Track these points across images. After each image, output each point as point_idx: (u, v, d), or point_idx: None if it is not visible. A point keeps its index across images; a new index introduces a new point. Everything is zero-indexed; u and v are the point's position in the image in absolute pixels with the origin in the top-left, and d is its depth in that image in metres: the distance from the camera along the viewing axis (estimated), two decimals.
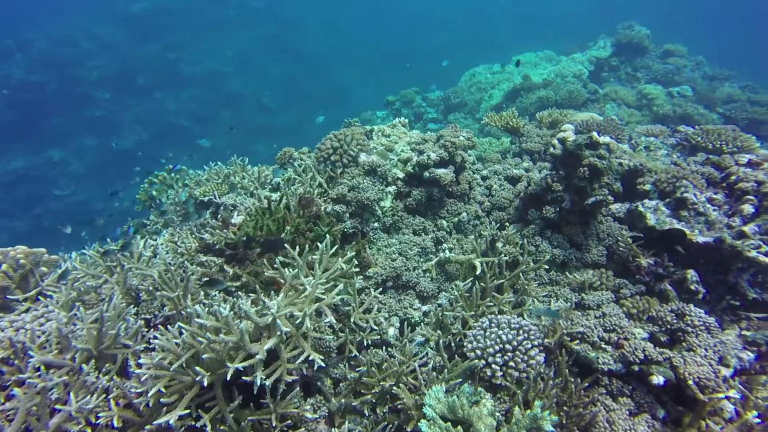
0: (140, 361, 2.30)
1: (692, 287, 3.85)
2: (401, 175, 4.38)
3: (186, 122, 22.20)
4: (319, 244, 3.23)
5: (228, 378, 2.28)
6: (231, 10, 26.03)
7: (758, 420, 2.66)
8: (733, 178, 4.40)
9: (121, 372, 2.61)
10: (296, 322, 2.63)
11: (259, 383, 2.32)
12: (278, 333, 2.43)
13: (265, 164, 5.55)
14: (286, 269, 2.96)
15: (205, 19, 24.97)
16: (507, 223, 4.51)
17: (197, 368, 2.22)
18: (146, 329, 2.79)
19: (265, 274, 3.17)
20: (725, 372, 3.04)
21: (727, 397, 2.83)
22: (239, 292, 3.14)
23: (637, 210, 4.34)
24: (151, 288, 2.98)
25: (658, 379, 2.88)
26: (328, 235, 3.41)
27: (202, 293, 3.13)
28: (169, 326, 2.57)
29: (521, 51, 13.00)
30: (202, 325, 2.42)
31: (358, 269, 3.31)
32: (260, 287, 3.27)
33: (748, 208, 4.12)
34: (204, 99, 22.54)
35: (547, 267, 3.96)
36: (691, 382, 2.83)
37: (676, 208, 4.28)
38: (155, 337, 2.40)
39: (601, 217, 4.37)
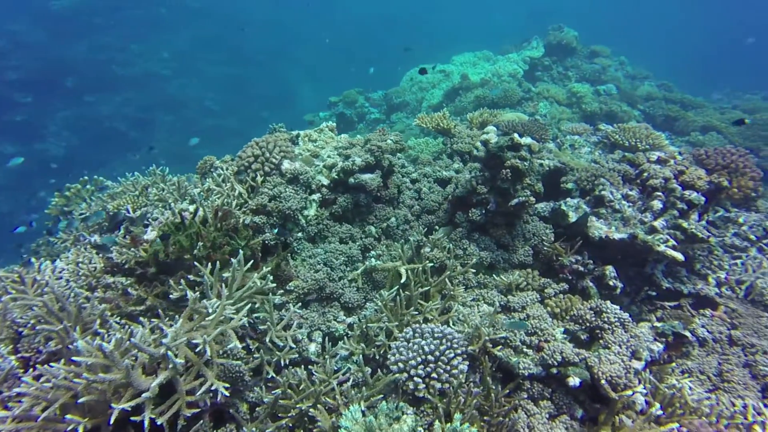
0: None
1: (610, 283, 3.96)
2: (326, 181, 4.20)
3: (122, 127, 20.77)
4: (232, 259, 3.00)
5: (111, 421, 2.02)
6: (163, 9, 24.62)
7: (661, 411, 2.78)
8: (645, 174, 4.56)
9: None
10: (197, 350, 2.40)
11: (147, 423, 2.08)
12: (171, 365, 2.19)
13: (192, 173, 5.19)
14: (190, 290, 2.71)
15: (136, 18, 23.46)
16: (437, 227, 4.45)
17: (68, 416, 1.94)
18: (22, 370, 2.44)
19: (170, 296, 2.90)
20: (637, 365, 3.10)
21: (634, 393, 2.86)
22: (141, 318, 2.85)
23: (560, 209, 4.43)
24: (32, 321, 2.62)
25: (574, 381, 2.88)
26: (241, 250, 3.19)
27: (98, 322, 2.81)
28: (48, 365, 2.26)
29: (461, 50, 13.19)
30: (84, 363, 2.14)
31: (275, 284, 3.11)
32: (166, 311, 3.00)
33: (657, 204, 4.29)
34: (141, 103, 21.19)
35: (474, 270, 3.93)
36: (603, 381, 2.85)
37: (595, 206, 4.39)
38: (24, 382, 2.09)
39: (527, 216, 4.41)
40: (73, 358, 2.11)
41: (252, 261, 3.08)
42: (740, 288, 4.40)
